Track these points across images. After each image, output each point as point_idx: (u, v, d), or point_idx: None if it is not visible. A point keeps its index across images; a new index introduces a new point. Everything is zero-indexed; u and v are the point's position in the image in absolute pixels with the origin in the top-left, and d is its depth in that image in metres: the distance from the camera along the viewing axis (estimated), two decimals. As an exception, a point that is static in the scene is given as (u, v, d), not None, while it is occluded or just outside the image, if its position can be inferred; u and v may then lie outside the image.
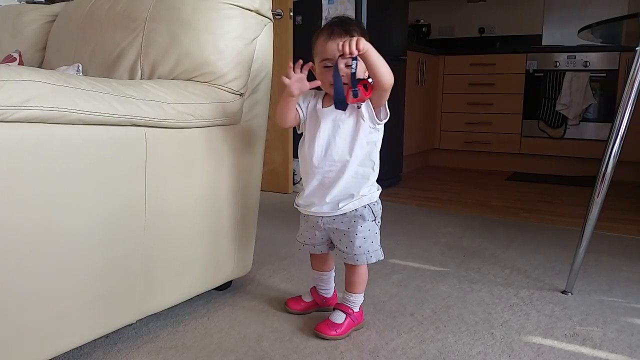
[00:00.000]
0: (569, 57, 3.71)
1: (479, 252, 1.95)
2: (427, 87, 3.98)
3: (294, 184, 3.08)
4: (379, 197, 1.27)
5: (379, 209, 1.26)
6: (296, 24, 2.95)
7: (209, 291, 1.43)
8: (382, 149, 1.26)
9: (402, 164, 3.52)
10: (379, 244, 1.26)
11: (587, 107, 3.67)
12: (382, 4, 3.04)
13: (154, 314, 1.23)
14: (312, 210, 1.25)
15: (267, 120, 1.48)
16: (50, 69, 1.55)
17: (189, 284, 1.29)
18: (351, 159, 1.19)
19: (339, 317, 1.27)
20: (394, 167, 3.40)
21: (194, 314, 1.38)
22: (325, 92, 1.24)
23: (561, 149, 3.78)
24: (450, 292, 1.54)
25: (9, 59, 1.66)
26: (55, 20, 1.74)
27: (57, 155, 0.92)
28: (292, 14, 2.89)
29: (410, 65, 3.50)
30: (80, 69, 1.44)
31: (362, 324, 1.31)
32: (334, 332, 1.24)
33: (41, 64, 1.71)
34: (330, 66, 1.15)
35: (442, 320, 1.35)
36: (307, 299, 1.41)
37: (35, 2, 2.68)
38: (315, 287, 1.41)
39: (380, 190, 1.27)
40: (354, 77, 1.10)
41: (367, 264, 1.25)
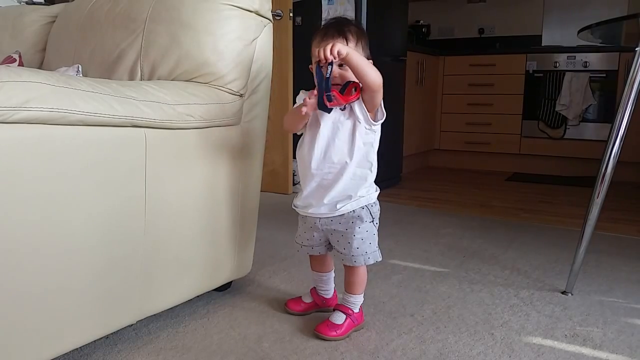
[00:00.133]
0: (568, 57, 3.71)
1: (479, 252, 1.95)
2: (426, 88, 3.98)
3: (294, 184, 3.08)
4: (377, 198, 1.27)
5: (377, 210, 1.26)
6: (296, 24, 2.95)
7: (209, 292, 1.43)
8: (381, 149, 1.26)
9: (402, 165, 3.52)
10: (377, 246, 1.26)
11: (586, 108, 3.67)
12: (382, 5, 3.04)
13: (154, 314, 1.23)
14: (310, 211, 1.25)
15: (267, 121, 1.48)
16: (50, 70, 1.55)
17: (189, 285, 1.29)
18: (350, 161, 1.19)
19: (339, 318, 1.27)
20: (394, 168, 3.40)
21: (194, 315, 1.38)
22: None
23: (561, 149, 3.78)
24: (450, 293, 1.54)
25: (8, 60, 1.66)
26: (55, 21, 1.74)
27: (57, 156, 0.92)
28: (291, 14, 2.88)
29: (410, 65, 3.51)
30: (80, 70, 1.44)
31: (362, 325, 1.31)
32: (334, 333, 1.24)
33: (41, 65, 1.71)
34: (323, 66, 1.12)
35: (442, 320, 1.35)
36: (307, 299, 1.41)
37: (35, 3, 2.68)
38: (315, 288, 1.41)
39: (378, 191, 1.27)
40: (328, 81, 1.10)
41: (365, 265, 1.25)
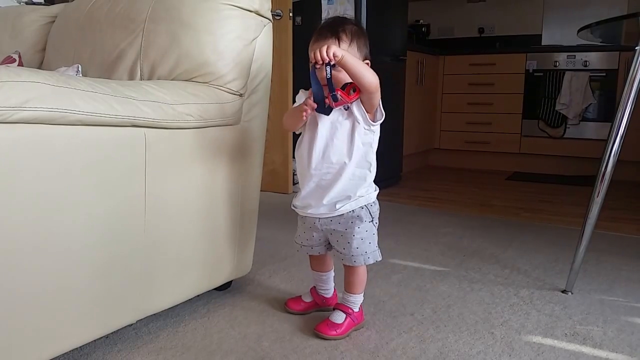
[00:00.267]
0: (568, 56, 3.71)
1: (479, 251, 1.95)
2: (426, 87, 3.98)
3: (294, 184, 3.08)
4: (377, 197, 1.27)
5: (376, 209, 1.26)
6: (296, 24, 2.95)
7: (209, 291, 1.43)
8: (381, 149, 1.25)
9: (402, 164, 3.52)
10: (377, 245, 1.26)
11: (586, 107, 3.67)
12: (382, 4, 3.04)
13: (154, 314, 1.23)
14: (309, 211, 1.25)
15: (266, 120, 1.48)
16: (49, 69, 1.55)
17: (189, 284, 1.29)
18: (349, 161, 1.18)
19: (339, 317, 1.27)
20: (394, 167, 3.40)
21: (194, 314, 1.38)
22: None
23: (561, 148, 3.78)
24: (450, 292, 1.54)
25: (8, 60, 1.66)
26: (54, 21, 1.74)
27: (57, 155, 0.92)
28: (291, 14, 2.88)
29: (410, 65, 3.51)
30: (79, 69, 1.44)
31: (362, 324, 1.31)
32: (334, 332, 1.24)
33: (41, 65, 1.71)
34: (320, 68, 1.12)
35: (442, 319, 1.35)
36: (307, 299, 1.41)
37: (34, 3, 2.68)
38: (315, 287, 1.41)
39: (377, 191, 1.27)
40: (330, 82, 1.10)
41: (365, 265, 1.25)
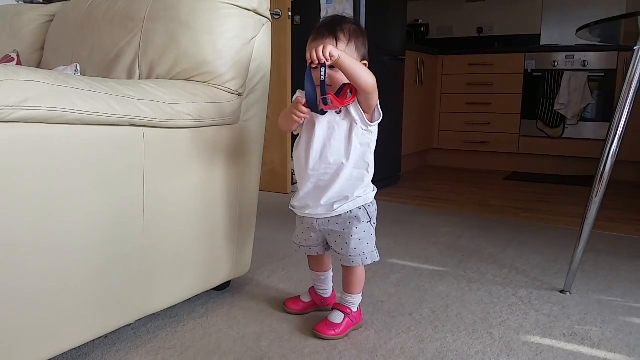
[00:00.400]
0: (567, 56, 3.71)
1: (477, 251, 1.95)
2: (425, 87, 3.98)
3: (292, 184, 3.08)
4: (375, 197, 1.26)
5: (374, 210, 1.26)
6: (295, 23, 2.95)
7: (207, 291, 1.43)
8: (380, 148, 1.25)
9: (401, 164, 3.52)
10: (375, 246, 1.26)
11: (585, 107, 3.67)
12: (381, 4, 3.03)
13: (153, 314, 1.23)
14: (307, 212, 1.25)
15: (265, 120, 1.48)
16: (48, 68, 1.55)
17: (188, 284, 1.29)
18: (346, 162, 1.18)
19: (338, 317, 1.27)
20: (393, 167, 3.40)
21: (193, 314, 1.37)
22: None
23: (559, 148, 3.78)
24: (448, 292, 1.54)
25: (6, 59, 1.66)
26: (53, 20, 1.74)
27: (56, 155, 0.92)
28: (290, 13, 2.88)
29: (408, 65, 3.51)
30: (78, 68, 1.44)
31: (360, 324, 1.31)
32: (333, 332, 1.24)
33: (39, 64, 1.71)
34: (315, 68, 1.11)
35: (441, 319, 1.35)
36: (306, 299, 1.40)
37: (33, 2, 2.67)
38: (313, 287, 1.41)
39: (375, 191, 1.27)
40: (323, 84, 1.09)
41: (363, 265, 1.25)
